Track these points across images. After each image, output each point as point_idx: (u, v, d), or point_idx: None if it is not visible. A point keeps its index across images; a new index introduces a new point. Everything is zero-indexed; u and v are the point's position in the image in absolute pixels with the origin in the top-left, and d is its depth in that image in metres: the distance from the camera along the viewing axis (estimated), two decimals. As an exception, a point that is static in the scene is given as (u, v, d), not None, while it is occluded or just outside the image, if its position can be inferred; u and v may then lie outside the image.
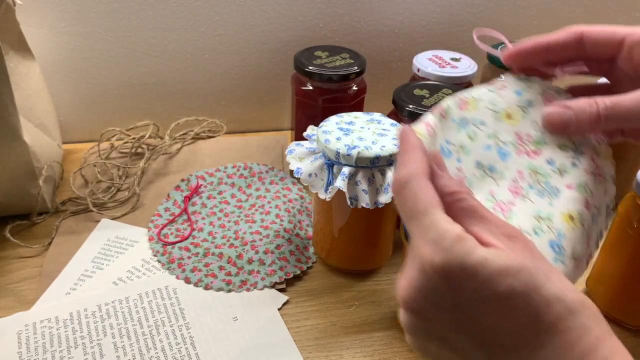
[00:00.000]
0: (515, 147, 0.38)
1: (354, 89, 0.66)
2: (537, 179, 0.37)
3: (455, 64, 0.70)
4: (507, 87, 0.41)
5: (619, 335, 0.54)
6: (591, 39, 0.35)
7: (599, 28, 0.35)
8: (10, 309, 0.50)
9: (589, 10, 0.84)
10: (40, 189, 0.58)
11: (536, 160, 0.37)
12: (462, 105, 0.40)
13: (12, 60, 0.59)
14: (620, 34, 0.35)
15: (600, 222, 0.38)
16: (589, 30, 0.35)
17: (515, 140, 0.38)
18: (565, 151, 0.38)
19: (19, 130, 0.55)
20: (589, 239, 0.37)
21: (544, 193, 0.36)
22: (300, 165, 0.51)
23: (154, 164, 0.70)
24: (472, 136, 0.39)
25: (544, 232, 0.35)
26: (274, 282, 0.54)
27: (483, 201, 0.36)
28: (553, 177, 0.37)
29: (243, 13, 0.73)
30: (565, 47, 0.36)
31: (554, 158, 0.38)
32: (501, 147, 0.38)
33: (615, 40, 0.35)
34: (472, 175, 0.38)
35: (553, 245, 0.34)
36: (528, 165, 0.37)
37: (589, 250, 0.37)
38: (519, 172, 0.37)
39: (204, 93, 0.78)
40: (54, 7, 0.67)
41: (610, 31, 0.35)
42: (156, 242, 0.58)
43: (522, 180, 0.37)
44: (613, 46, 0.36)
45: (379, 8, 0.77)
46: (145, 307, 0.51)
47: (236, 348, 0.48)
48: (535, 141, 0.38)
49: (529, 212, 0.36)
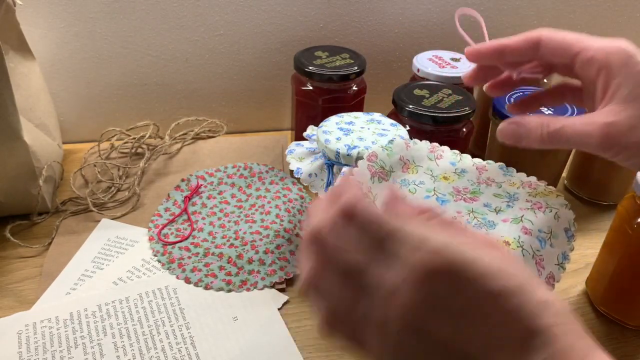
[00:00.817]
0: (453, 197, 0.41)
1: (354, 89, 0.66)
2: (474, 216, 0.40)
3: (455, 64, 0.70)
4: (443, 157, 0.46)
5: (619, 335, 0.55)
6: (547, 47, 0.37)
7: (557, 37, 0.36)
8: (10, 309, 0.50)
9: (588, 11, 0.84)
10: (40, 189, 0.58)
11: (473, 204, 0.41)
12: (404, 169, 0.44)
13: (13, 60, 0.59)
14: (575, 48, 0.36)
15: (560, 245, 0.41)
16: (546, 38, 0.36)
17: (452, 192, 0.42)
18: (500, 198, 0.42)
19: (19, 131, 0.55)
20: (539, 260, 0.39)
21: (481, 226, 0.39)
22: (300, 165, 0.51)
23: (154, 164, 0.70)
24: (413, 190, 0.42)
25: None
26: (274, 282, 0.54)
27: None
28: (489, 214, 0.40)
29: (243, 13, 0.73)
30: (521, 51, 0.38)
31: (490, 202, 0.41)
32: (439, 197, 0.42)
33: (570, 53, 0.36)
34: None
35: None
36: (466, 207, 0.40)
37: (545, 272, 0.40)
38: (458, 212, 0.40)
39: (204, 93, 0.78)
40: (54, 7, 0.68)
41: (567, 43, 0.36)
42: (156, 242, 0.58)
43: (460, 217, 0.40)
44: (567, 57, 0.37)
45: (379, 8, 0.77)
46: (145, 307, 0.51)
47: (236, 348, 0.48)
48: (472, 191, 0.41)
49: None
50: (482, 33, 0.43)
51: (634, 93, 0.33)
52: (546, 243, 0.40)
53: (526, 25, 0.83)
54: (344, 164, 0.49)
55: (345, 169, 0.44)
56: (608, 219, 0.53)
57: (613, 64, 0.34)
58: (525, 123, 0.37)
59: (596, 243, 0.54)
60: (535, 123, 0.36)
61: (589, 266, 0.56)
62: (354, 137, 0.50)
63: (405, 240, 0.27)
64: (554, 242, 0.40)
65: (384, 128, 0.52)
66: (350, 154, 0.48)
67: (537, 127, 0.36)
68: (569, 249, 0.41)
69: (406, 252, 0.27)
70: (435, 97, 0.61)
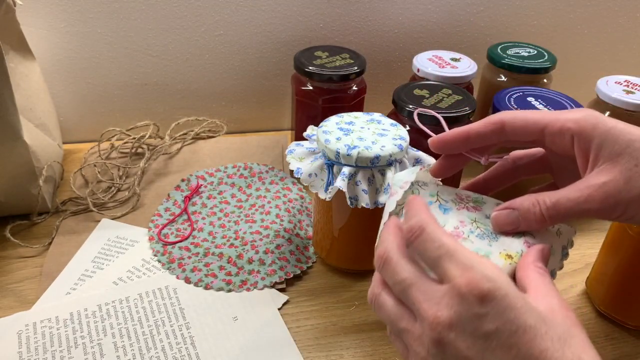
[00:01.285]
0: (456, 204, 0.40)
1: (354, 89, 0.66)
2: (477, 226, 0.39)
3: (455, 64, 0.70)
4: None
5: (619, 335, 0.55)
6: (513, 128, 0.36)
7: (520, 117, 0.36)
8: (10, 309, 0.50)
9: (588, 11, 0.84)
10: (40, 189, 0.58)
11: (476, 213, 0.40)
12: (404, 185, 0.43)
13: (13, 60, 0.59)
14: (541, 124, 0.36)
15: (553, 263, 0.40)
16: (510, 120, 0.36)
17: (455, 198, 0.41)
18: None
19: (19, 131, 0.55)
20: None
21: (484, 236, 0.38)
22: (300, 165, 0.51)
23: (154, 164, 0.70)
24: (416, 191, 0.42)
25: None
26: (274, 282, 0.54)
27: None
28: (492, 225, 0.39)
29: (243, 13, 0.73)
30: (486, 135, 0.37)
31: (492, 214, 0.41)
32: (442, 204, 0.41)
33: (537, 129, 0.36)
34: None
35: None
36: (469, 216, 0.39)
37: None
38: (461, 221, 0.40)
39: (204, 93, 0.78)
40: (54, 7, 0.68)
41: (531, 121, 0.36)
42: (156, 242, 0.58)
43: (463, 227, 0.39)
44: (535, 134, 0.36)
45: (379, 8, 0.77)
46: (145, 307, 0.51)
47: (236, 348, 0.48)
48: (475, 200, 0.41)
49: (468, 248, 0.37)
50: (442, 122, 0.42)
51: (616, 149, 0.33)
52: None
53: (526, 25, 0.83)
54: (344, 164, 0.49)
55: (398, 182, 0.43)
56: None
57: (586, 128, 0.34)
58: (517, 206, 0.36)
59: (596, 243, 0.55)
60: (528, 203, 0.35)
61: (589, 266, 0.56)
62: (354, 137, 0.50)
63: (460, 260, 0.30)
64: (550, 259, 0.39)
65: (384, 128, 0.52)
66: (350, 154, 0.48)
67: (532, 207, 0.35)
68: (559, 267, 0.40)
69: (457, 271, 0.30)
70: (435, 97, 0.61)
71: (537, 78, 0.71)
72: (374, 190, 0.49)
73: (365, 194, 0.48)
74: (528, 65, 0.69)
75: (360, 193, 0.49)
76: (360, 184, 0.48)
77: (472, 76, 0.69)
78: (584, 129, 0.34)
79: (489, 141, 0.38)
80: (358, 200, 0.49)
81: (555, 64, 0.71)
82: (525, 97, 0.63)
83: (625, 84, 0.65)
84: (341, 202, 0.50)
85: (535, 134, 0.36)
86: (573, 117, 0.35)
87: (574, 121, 0.34)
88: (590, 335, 0.52)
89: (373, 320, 0.52)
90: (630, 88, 0.64)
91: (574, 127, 0.34)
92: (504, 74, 0.71)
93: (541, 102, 0.62)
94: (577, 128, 0.34)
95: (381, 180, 0.49)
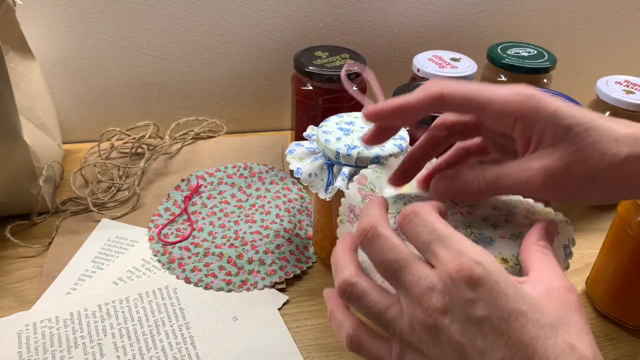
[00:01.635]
0: (450, 210, 0.40)
1: (354, 89, 0.66)
2: (471, 231, 0.38)
3: (455, 64, 0.70)
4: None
5: (619, 335, 0.54)
6: (452, 103, 0.35)
7: (460, 93, 0.35)
8: (10, 309, 0.50)
9: (588, 10, 0.84)
10: (40, 189, 0.58)
11: (470, 218, 0.39)
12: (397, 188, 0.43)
13: (13, 60, 0.59)
14: (482, 102, 0.35)
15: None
16: (449, 95, 0.35)
17: (450, 205, 0.40)
18: (499, 211, 0.40)
19: (19, 131, 0.55)
20: None
21: (478, 242, 0.38)
22: (300, 165, 0.51)
23: (154, 164, 0.70)
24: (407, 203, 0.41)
25: None
26: (274, 282, 0.54)
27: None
28: (486, 229, 0.39)
29: (243, 13, 0.73)
30: (423, 109, 0.36)
31: (488, 216, 0.40)
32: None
33: (477, 107, 0.35)
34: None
35: None
36: (462, 222, 0.39)
37: None
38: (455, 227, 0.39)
39: (204, 93, 0.78)
40: (54, 7, 0.68)
41: (471, 97, 0.35)
42: (156, 242, 0.58)
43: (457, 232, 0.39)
44: (474, 111, 0.36)
45: (379, 8, 0.77)
46: (145, 307, 0.51)
47: (236, 348, 0.48)
48: (469, 204, 0.40)
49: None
50: (375, 92, 0.41)
51: (558, 134, 0.33)
52: None
53: (526, 25, 0.83)
54: (344, 164, 0.49)
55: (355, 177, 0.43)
56: (608, 219, 0.53)
57: (528, 112, 0.33)
58: (458, 176, 0.36)
59: (596, 243, 0.54)
60: (468, 176, 0.35)
61: (589, 266, 0.56)
62: (354, 137, 0.50)
63: (451, 245, 0.30)
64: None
65: (384, 128, 0.52)
66: (350, 154, 0.48)
67: (471, 180, 0.35)
68: (564, 267, 0.39)
69: (448, 256, 0.29)
70: (435, 97, 0.61)
71: (537, 78, 0.71)
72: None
73: (365, 194, 0.48)
74: (528, 65, 0.69)
75: (360, 193, 0.48)
76: (360, 184, 0.48)
77: (472, 76, 0.69)
78: (527, 113, 0.33)
79: (426, 113, 0.37)
80: (358, 200, 0.49)
81: (555, 64, 0.71)
82: (525, 97, 0.63)
83: (625, 84, 0.65)
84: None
85: (475, 111, 0.35)
86: (515, 98, 0.34)
87: (517, 104, 0.34)
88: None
89: (373, 320, 0.52)
90: (630, 88, 0.64)
91: (518, 110, 0.34)
92: (504, 74, 0.71)
93: (541, 102, 0.62)
94: (521, 112, 0.34)
95: (381, 180, 0.49)
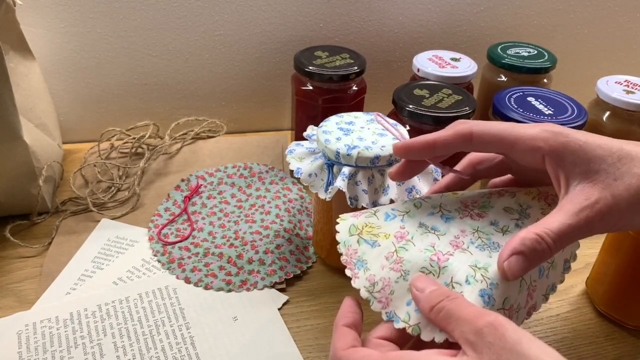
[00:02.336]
0: (460, 213, 0.40)
1: (354, 89, 0.66)
2: (478, 236, 0.38)
3: (455, 64, 0.70)
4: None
5: (619, 335, 0.55)
6: (480, 141, 0.36)
7: (489, 132, 0.36)
8: (10, 309, 0.50)
9: (588, 10, 0.84)
10: (40, 189, 0.58)
11: (479, 221, 0.39)
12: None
13: (12, 60, 0.59)
14: (509, 139, 0.35)
15: (554, 276, 0.39)
16: (478, 133, 0.36)
17: (460, 207, 0.40)
18: (511, 213, 0.40)
19: (19, 130, 0.55)
20: (532, 290, 0.38)
21: (484, 247, 0.38)
22: (300, 165, 0.51)
23: (154, 164, 0.70)
24: (418, 205, 0.41)
25: (477, 280, 0.36)
26: (274, 282, 0.54)
27: (422, 250, 0.38)
28: (495, 234, 0.39)
29: (243, 13, 0.73)
30: (452, 146, 0.37)
31: (498, 220, 0.40)
32: (444, 214, 0.40)
33: (506, 145, 0.36)
34: (415, 231, 0.40)
35: (483, 295, 0.35)
36: (471, 225, 0.39)
37: (531, 302, 0.38)
38: (462, 231, 0.39)
39: (204, 93, 0.78)
40: (54, 7, 0.68)
41: (500, 136, 0.36)
42: (156, 242, 0.58)
43: (464, 236, 0.39)
44: (503, 149, 0.36)
45: (379, 8, 0.77)
46: (145, 307, 0.51)
47: (236, 348, 0.48)
48: (481, 205, 0.40)
49: (466, 261, 0.37)
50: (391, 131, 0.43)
51: (591, 167, 0.33)
52: (544, 273, 0.38)
53: (526, 25, 0.83)
54: (344, 164, 0.49)
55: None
56: (608, 219, 0.53)
57: (556, 147, 0.34)
58: (523, 249, 0.33)
59: (596, 243, 0.54)
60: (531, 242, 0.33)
61: (589, 266, 0.56)
62: (354, 137, 0.50)
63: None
64: (551, 272, 0.39)
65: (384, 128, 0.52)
66: (350, 154, 0.48)
67: (538, 245, 0.33)
68: (559, 281, 0.40)
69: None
70: (435, 97, 0.61)
71: (537, 78, 0.71)
72: (373, 190, 0.49)
73: (365, 194, 0.48)
74: (528, 65, 0.69)
75: (360, 193, 0.49)
76: (360, 184, 0.48)
77: (472, 76, 0.69)
78: (555, 148, 0.34)
79: (454, 150, 0.38)
80: (358, 200, 0.49)
81: (555, 64, 0.71)
82: (525, 97, 0.63)
83: (625, 84, 0.65)
84: (341, 202, 0.50)
85: (503, 149, 0.36)
86: (542, 135, 0.35)
87: (544, 140, 0.34)
88: (590, 335, 0.52)
89: (372, 320, 0.52)
90: (630, 88, 0.64)
91: (545, 146, 0.34)
92: (504, 74, 0.71)
93: (541, 102, 0.62)
94: (548, 148, 0.34)
95: (381, 181, 0.49)
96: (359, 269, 0.39)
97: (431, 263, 0.37)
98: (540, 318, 0.53)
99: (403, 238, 0.39)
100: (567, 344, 0.51)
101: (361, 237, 0.40)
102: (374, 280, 0.38)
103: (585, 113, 0.61)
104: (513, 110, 0.60)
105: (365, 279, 0.38)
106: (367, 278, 0.38)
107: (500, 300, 0.35)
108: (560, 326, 0.52)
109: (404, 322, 0.36)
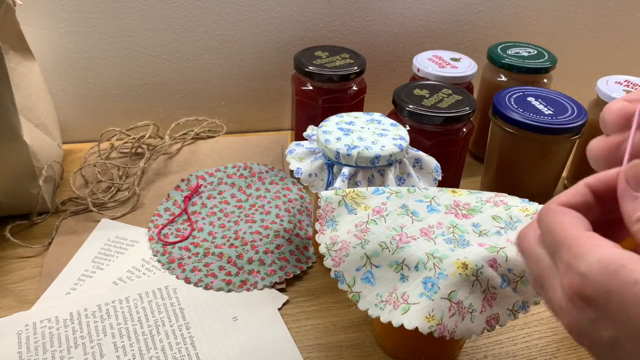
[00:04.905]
0: (447, 209, 0.41)
1: (354, 89, 0.66)
2: (452, 231, 0.39)
3: (455, 64, 0.70)
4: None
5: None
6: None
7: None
8: (10, 309, 0.50)
9: (588, 11, 0.84)
10: (40, 189, 0.58)
11: (462, 221, 0.40)
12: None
13: (12, 60, 0.59)
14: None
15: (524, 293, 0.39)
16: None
17: (450, 204, 0.41)
18: (497, 222, 0.40)
19: (19, 131, 0.55)
20: (489, 297, 0.38)
21: (451, 241, 0.38)
22: (300, 165, 0.51)
23: (154, 164, 0.70)
24: (411, 190, 0.43)
25: (426, 269, 0.36)
26: (274, 282, 0.54)
27: (389, 228, 0.39)
28: (471, 234, 0.39)
29: (243, 13, 0.73)
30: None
31: (481, 223, 0.40)
32: (432, 205, 0.41)
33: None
34: (394, 210, 0.41)
35: (426, 282, 0.36)
36: (451, 221, 0.40)
37: (491, 311, 0.38)
38: (439, 223, 0.40)
39: (204, 93, 0.78)
40: (54, 7, 0.68)
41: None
42: (156, 242, 0.58)
43: (438, 228, 0.39)
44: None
45: (379, 8, 0.77)
46: (145, 307, 0.51)
47: (236, 348, 0.48)
48: (472, 209, 0.41)
49: (425, 248, 0.37)
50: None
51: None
52: (509, 285, 0.38)
53: (526, 25, 0.83)
54: (344, 164, 0.49)
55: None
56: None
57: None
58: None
59: (596, 243, 0.54)
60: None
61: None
62: (354, 137, 0.50)
63: (564, 255, 0.26)
64: (520, 288, 0.38)
65: (384, 128, 0.52)
66: (350, 154, 0.48)
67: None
68: (533, 302, 0.39)
69: (562, 268, 0.26)
70: (435, 97, 0.61)
71: (537, 78, 0.71)
72: (374, 190, 0.49)
73: (365, 194, 0.48)
74: (528, 65, 0.69)
75: (360, 193, 0.49)
76: (360, 184, 0.48)
77: (472, 76, 0.69)
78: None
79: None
80: (358, 200, 0.49)
81: (555, 64, 0.71)
82: (525, 97, 0.63)
83: (625, 84, 0.65)
84: (341, 202, 0.50)
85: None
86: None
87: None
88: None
89: (373, 320, 0.52)
90: (630, 88, 0.64)
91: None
92: (504, 74, 0.71)
93: (541, 102, 0.62)
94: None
95: (381, 181, 0.49)
96: (328, 227, 0.41)
97: (391, 241, 0.38)
98: (540, 318, 0.53)
99: (379, 213, 0.40)
100: (567, 344, 0.51)
101: (345, 199, 0.42)
102: (336, 240, 0.40)
103: (585, 113, 0.61)
104: (513, 110, 0.60)
105: (329, 237, 0.41)
106: (330, 237, 0.40)
107: (445, 290, 0.36)
108: (561, 326, 0.52)
109: (348, 285, 0.39)
